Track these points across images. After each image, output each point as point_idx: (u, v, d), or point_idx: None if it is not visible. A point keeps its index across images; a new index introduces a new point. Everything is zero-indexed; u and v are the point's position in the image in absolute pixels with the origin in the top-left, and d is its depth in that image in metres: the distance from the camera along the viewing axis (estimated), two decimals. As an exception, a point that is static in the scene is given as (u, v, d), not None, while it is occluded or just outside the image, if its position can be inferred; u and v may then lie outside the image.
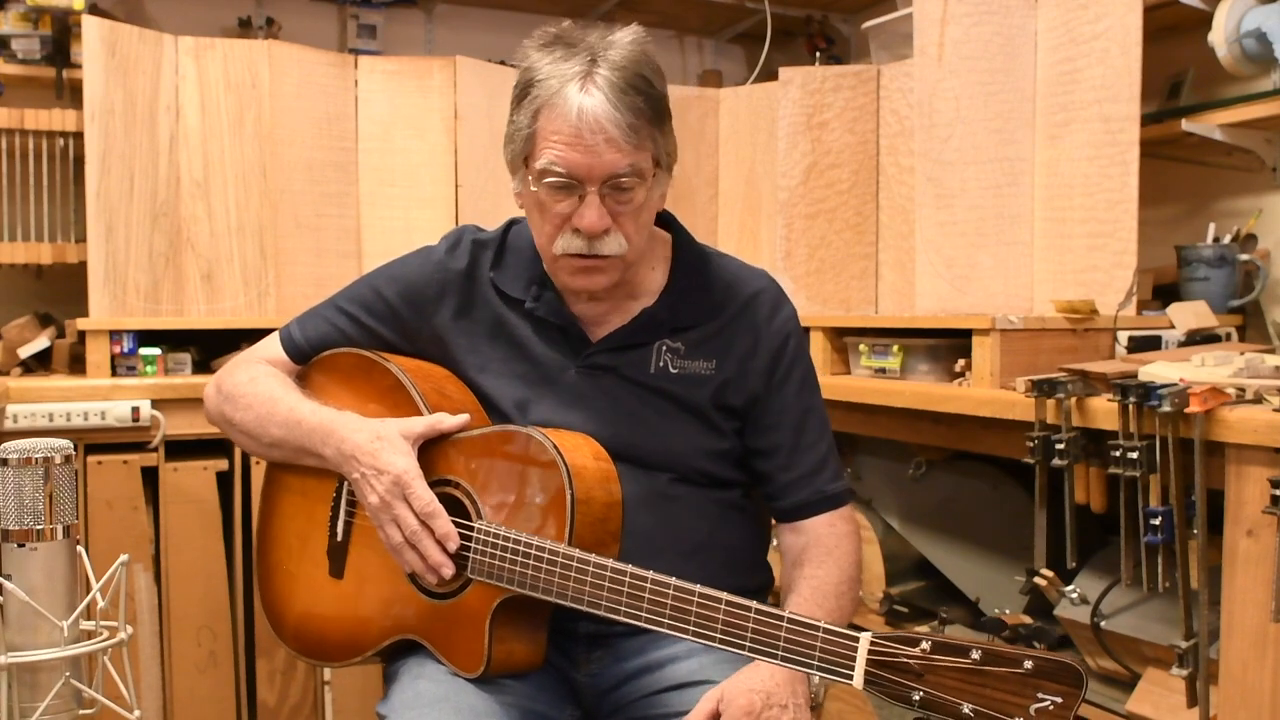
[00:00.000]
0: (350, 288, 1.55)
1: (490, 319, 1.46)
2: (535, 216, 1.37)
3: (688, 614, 1.17)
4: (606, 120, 1.27)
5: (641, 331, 1.42)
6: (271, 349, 1.56)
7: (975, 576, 2.19)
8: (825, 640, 1.10)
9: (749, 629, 1.14)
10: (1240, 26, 2.03)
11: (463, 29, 3.22)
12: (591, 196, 1.30)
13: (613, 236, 1.32)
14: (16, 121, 2.40)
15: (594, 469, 1.29)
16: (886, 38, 2.73)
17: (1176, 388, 1.51)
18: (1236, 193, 2.26)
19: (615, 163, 1.28)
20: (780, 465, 1.44)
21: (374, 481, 1.33)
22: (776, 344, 1.45)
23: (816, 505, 1.43)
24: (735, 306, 1.45)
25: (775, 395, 1.44)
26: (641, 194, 1.33)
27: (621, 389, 1.41)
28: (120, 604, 1.35)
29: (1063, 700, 0.99)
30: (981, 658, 1.03)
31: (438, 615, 1.34)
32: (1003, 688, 1.01)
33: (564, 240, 1.33)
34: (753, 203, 2.84)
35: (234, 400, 1.51)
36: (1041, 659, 1.01)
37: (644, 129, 1.30)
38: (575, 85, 1.28)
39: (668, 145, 1.37)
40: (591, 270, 1.34)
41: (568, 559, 1.23)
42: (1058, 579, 1.85)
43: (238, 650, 2.29)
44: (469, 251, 1.49)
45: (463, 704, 1.25)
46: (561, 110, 1.28)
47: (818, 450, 1.45)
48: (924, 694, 1.04)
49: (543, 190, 1.32)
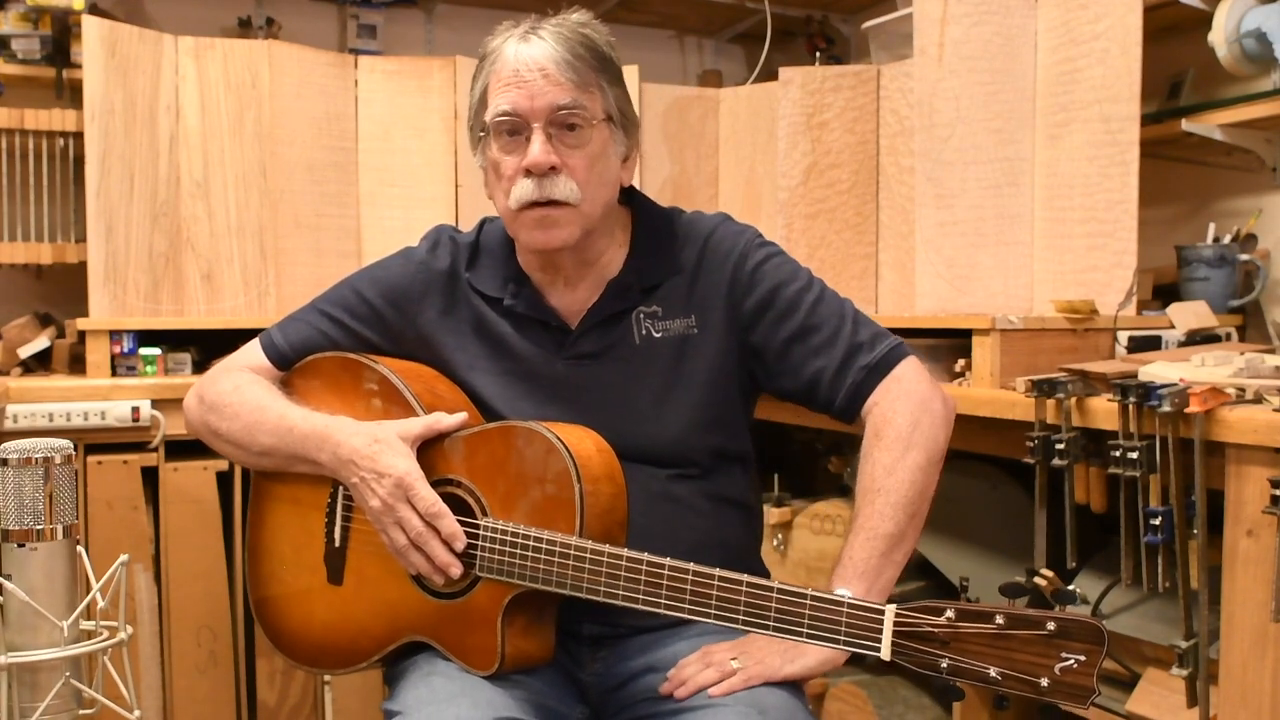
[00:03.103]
0: (331, 291, 1.54)
1: (473, 318, 1.46)
2: (494, 181, 1.39)
3: (709, 597, 1.17)
4: (543, 58, 1.33)
5: (614, 301, 1.42)
6: (253, 355, 1.54)
7: (976, 577, 2.19)
8: (851, 614, 1.11)
9: (772, 608, 1.14)
10: (1240, 26, 2.03)
11: (463, 29, 3.22)
12: (536, 133, 1.33)
13: (563, 179, 1.34)
14: (16, 121, 2.40)
15: (599, 460, 1.29)
16: (886, 38, 2.73)
17: (1176, 388, 1.51)
18: (1236, 193, 2.26)
19: (554, 95, 1.32)
20: (818, 385, 1.39)
21: (375, 485, 1.32)
22: (748, 274, 1.42)
23: (861, 388, 1.37)
24: (695, 252, 1.44)
25: (773, 330, 1.41)
26: (591, 137, 1.35)
27: (611, 376, 1.41)
28: (120, 604, 1.35)
29: (1086, 658, 1.02)
30: (1005, 622, 1.05)
31: (446, 615, 1.34)
32: (1027, 650, 1.04)
33: (517, 190, 1.34)
34: (753, 203, 2.84)
35: (219, 410, 1.48)
36: (1063, 619, 1.03)
37: (585, 71, 1.34)
38: (516, 39, 1.36)
39: (621, 103, 1.40)
40: (547, 222, 1.35)
41: (580, 551, 1.23)
42: (1058, 579, 1.85)
43: (238, 650, 2.29)
44: (449, 251, 1.49)
45: (481, 698, 1.24)
46: (504, 60, 1.35)
47: (840, 339, 1.39)
48: (951, 661, 1.06)
49: (495, 144, 1.36)
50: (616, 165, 1.41)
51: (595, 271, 1.43)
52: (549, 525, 1.26)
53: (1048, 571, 1.84)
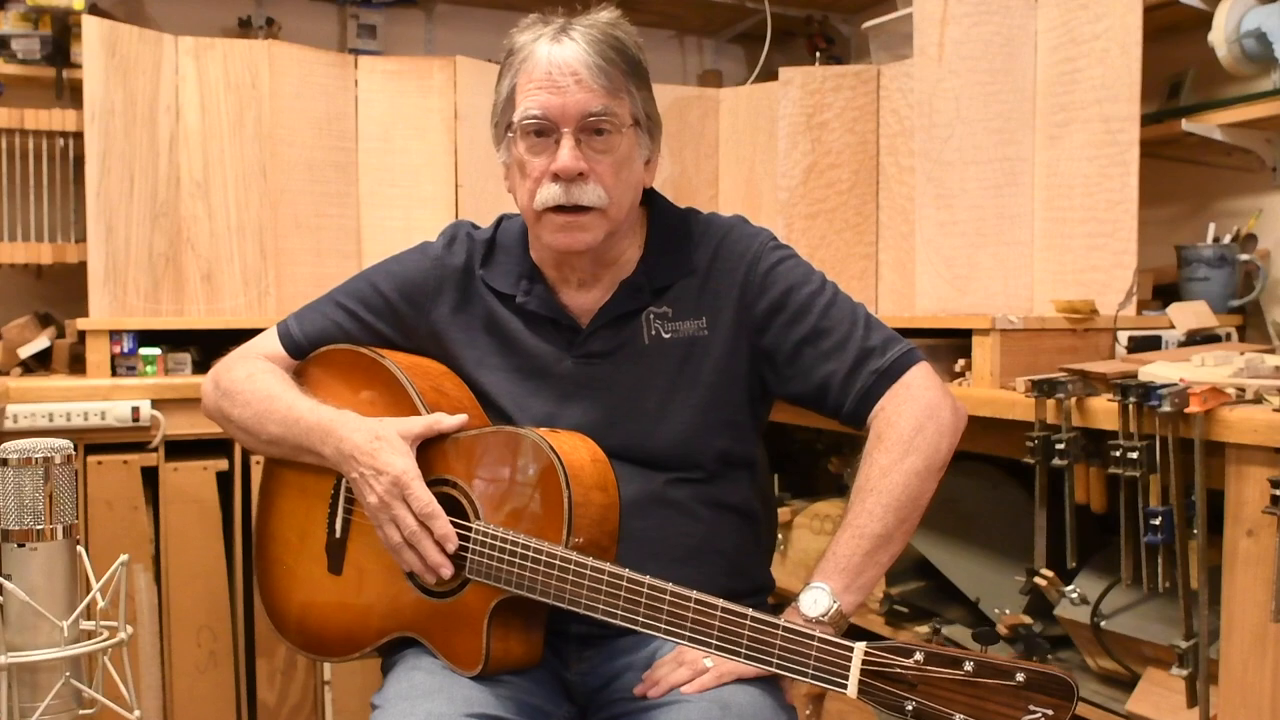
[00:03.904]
0: (348, 283, 1.56)
1: (484, 314, 1.47)
2: (517, 179, 1.39)
3: (684, 620, 1.18)
4: (576, 62, 1.33)
5: (625, 301, 1.42)
6: (269, 344, 1.55)
7: (975, 576, 2.19)
8: (820, 649, 1.11)
9: (744, 636, 1.15)
10: (1240, 26, 2.03)
11: (463, 29, 3.22)
12: (566, 138, 1.32)
13: (591, 186, 1.34)
14: (16, 121, 2.40)
15: (591, 470, 1.29)
16: (886, 38, 2.73)
17: (1176, 388, 1.51)
18: (1236, 193, 2.26)
19: (586, 102, 1.32)
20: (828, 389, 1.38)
21: (373, 481, 1.33)
22: (761, 277, 1.41)
23: (870, 393, 1.36)
24: (708, 254, 1.43)
25: (785, 333, 1.40)
26: (620, 143, 1.35)
27: (619, 375, 1.41)
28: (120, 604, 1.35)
29: (1053, 713, 1.00)
30: (974, 669, 1.04)
31: (436, 614, 1.35)
32: (995, 699, 1.02)
33: (543, 192, 1.34)
34: (753, 203, 2.83)
35: (232, 396, 1.50)
36: (1033, 671, 1.02)
37: (617, 76, 1.34)
38: (548, 39, 1.35)
39: (649, 108, 1.40)
40: (573, 227, 1.35)
41: (565, 561, 1.23)
42: (1058, 579, 1.85)
43: (238, 650, 2.29)
44: (465, 247, 1.50)
45: (457, 694, 1.26)
46: (535, 60, 1.34)
47: (851, 343, 1.38)
48: (916, 704, 1.05)
49: (522, 144, 1.35)
50: (641, 169, 1.41)
51: (610, 272, 1.43)
52: (538, 533, 1.27)
53: (1048, 571, 1.84)
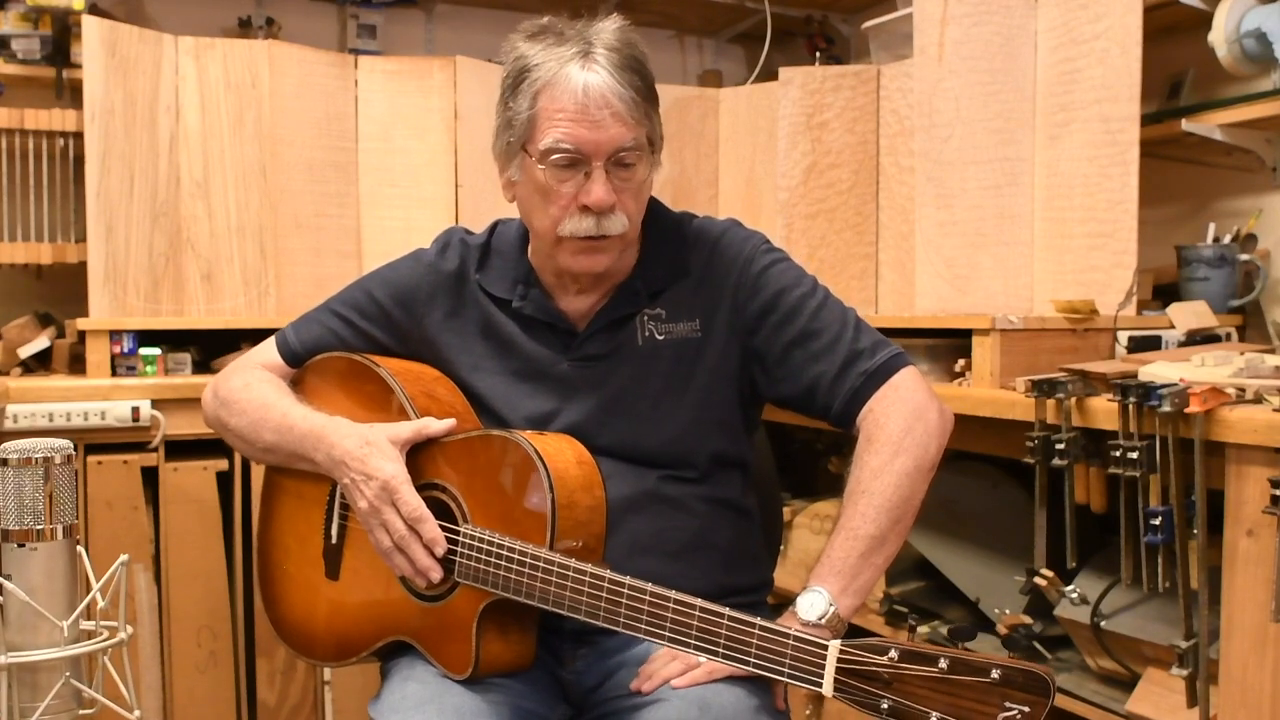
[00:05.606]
0: (344, 292, 1.57)
1: (480, 319, 1.47)
2: (537, 201, 1.37)
3: (663, 620, 1.18)
4: (612, 94, 1.30)
5: (621, 305, 1.42)
6: (267, 353, 1.57)
7: (975, 576, 2.19)
8: (796, 648, 1.11)
9: (722, 635, 1.15)
10: (1240, 26, 2.03)
11: (463, 29, 3.22)
12: (598, 172, 1.31)
13: (617, 215, 1.34)
14: (16, 121, 2.40)
15: (576, 473, 1.29)
16: (886, 38, 2.73)
17: (1176, 388, 1.51)
18: (1236, 193, 2.26)
19: (621, 136, 1.31)
20: (816, 390, 1.38)
21: (363, 487, 1.34)
22: (752, 279, 1.42)
23: (858, 394, 1.36)
24: (702, 257, 1.44)
25: (775, 335, 1.40)
26: (643, 171, 1.35)
27: (613, 376, 1.41)
28: (120, 604, 1.35)
29: (1030, 709, 1.00)
30: (949, 666, 1.03)
31: (428, 617, 1.35)
32: (970, 696, 1.02)
33: (572, 222, 1.34)
34: (753, 203, 2.84)
35: (229, 405, 1.52)
36: (1009, 667, 1.01)
37: (642, 104, 1.34)
38: (576, 64, 1.31)
39: (659, 129, 1.40)
40: (595, 251, 1.36)
41: (548, 564, 1.24)
42: (1058, 579, 1.85)
43: (238, 650, 2.29)
44: (459, 253, 1.50)
45: (448, 704, 1.26)
46: (566, 88, 1.31)
47: (840, 345, 1.38)
48: (892, 702, 1.05)
49: (548, 171, 1.33)
50: (651, 186, 1.42)
51: (606, 277, 1.43)
52: (523, 535, 1.27)
53: (1048, 571, 1.84)
